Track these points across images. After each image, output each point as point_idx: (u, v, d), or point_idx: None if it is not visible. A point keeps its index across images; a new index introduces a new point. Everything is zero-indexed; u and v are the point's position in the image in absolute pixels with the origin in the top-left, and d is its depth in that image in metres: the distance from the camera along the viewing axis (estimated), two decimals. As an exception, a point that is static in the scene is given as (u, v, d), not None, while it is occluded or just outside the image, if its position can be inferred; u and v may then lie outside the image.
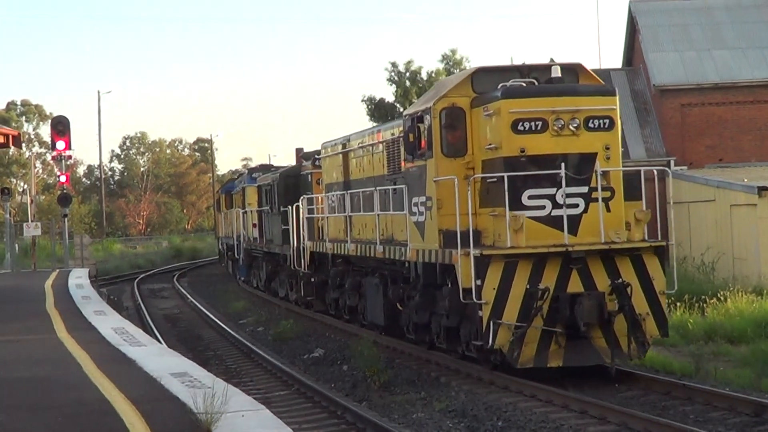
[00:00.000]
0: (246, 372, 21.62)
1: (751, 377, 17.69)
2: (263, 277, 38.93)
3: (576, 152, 17.70)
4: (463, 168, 18.61)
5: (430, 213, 18.98)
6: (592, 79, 18.98)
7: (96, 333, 19.29)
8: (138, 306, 37.04)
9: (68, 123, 43.22)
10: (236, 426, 10.39)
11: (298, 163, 36.61)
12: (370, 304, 23.61)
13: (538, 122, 17.66)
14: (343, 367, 21.23)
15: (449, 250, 18.06)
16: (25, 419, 11.21)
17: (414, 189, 19.75)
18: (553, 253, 17.35)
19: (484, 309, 17.22)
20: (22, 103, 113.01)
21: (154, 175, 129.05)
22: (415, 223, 19.78)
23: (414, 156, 19.65)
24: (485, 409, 16.08)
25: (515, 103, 17.69)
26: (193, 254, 77.19)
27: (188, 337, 28.67)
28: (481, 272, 17.22)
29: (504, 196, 17.35)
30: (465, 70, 19.26)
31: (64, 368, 14.74)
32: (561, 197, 17.51)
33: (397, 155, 21.73)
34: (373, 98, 72.09)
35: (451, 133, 18.76)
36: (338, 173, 26.36)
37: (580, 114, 17.73)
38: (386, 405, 17.04)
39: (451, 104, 18.75)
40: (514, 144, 17.66)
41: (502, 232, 17.66)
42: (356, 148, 25.00)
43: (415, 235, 19.79)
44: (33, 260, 46.18)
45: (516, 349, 17.13)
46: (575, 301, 17.19)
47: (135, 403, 11.59)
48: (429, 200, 19.01)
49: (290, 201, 31.34)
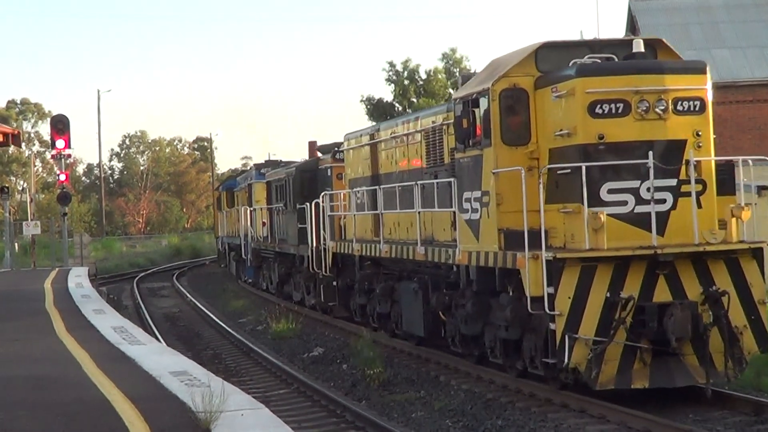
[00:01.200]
0: (245, 371, 21.19)
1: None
2: (275, 280, 35.40)
3: (663, 139, 14.81)
4: (526, 158, 15.78)
5: (486, 210, 16.13)
6: (673, 57, 16.08)
7: (95, 332, 18.93)
8: (137, 305, 36.11)
9: (68, 121, 42.54)
10: (235, 425, 10.23)
11: (314, 157, 33.43)
12: (407, 312, 20.64)
13: (620, 104, 14.75)
14: (342, 366, 20.57)
15: (512, 253, 15.24)
16: (25, 418, 11.00)
17: (466, 182, 16.88)
18: (637, 257, 14.49)
19: (558, 321, 14.37)
20: (22, 101, 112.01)
21: (154, 173, 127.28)
22: (467, 221, 16.89)
23: (466, 145, 16.81)
24: (484, 408, 15.51)
25: (593, 82, 14.80)
26: (192, 253, 74.92)
27: (187, 336, 28.03)
28: (554, 278, 14.38)
29: (579, 190, 14.53)
30: (524, 46, 16.15)
31: (63, 367, 14.49)
32: (646, 191, 14.63)
33: (439, 145, 18.99)
34: (372, 98, 70.46)
35: (513, 117, 15.91)
36: (365, 167, 23.53)
37: (668, 94, 14.83)
38: (385, 404, 16.57)
39: (512, 85, 15.89)
40: (591, 129, 14.77)
41: (575, 232, 14.83)
42: (387, 139, 22.08)
43: (467, 235, 16.91)
44: (32, 259, 45.59)
45: (595, 368, 14.28)
46: (664, 312, 14.33)
47: (134, 402, 11.43)
48: (486, 195, 16.14)
49: (307, 197, 28.54)
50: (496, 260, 15.79)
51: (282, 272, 33.75)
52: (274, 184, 35.01)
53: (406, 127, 20.93)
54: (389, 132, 21.99)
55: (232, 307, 34.08)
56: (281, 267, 33.86)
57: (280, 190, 33.38)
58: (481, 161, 16.29)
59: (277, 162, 40.13)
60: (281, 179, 33.31)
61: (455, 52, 71.65)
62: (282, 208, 33.00)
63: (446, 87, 68.83)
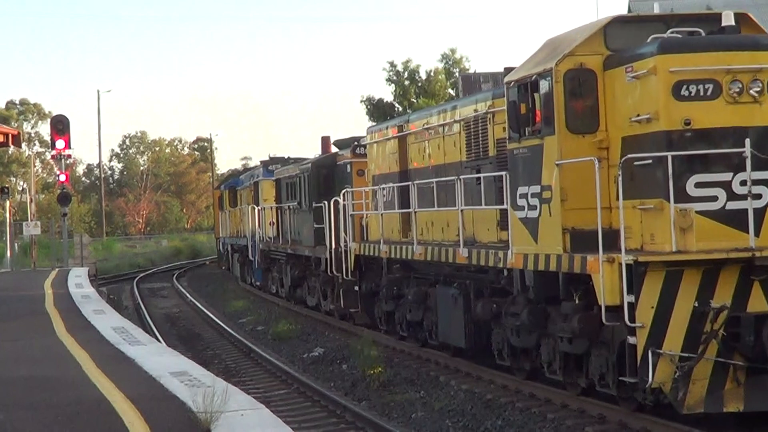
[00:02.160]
0: (245, 371, 20.99)
1: None
2: (287, 283, 32.50)
3: (759, 125, 12.61)
4: (594, 147, 13.58)
5: (548, 207, 13.88)
6: (760, 32, 13.89)
7: (95, 332, 18.79)
8: (137, 305, 35.71)
9: (68, 122, 41.98)
10: (235, 425, 10.09)
11: (330, 152, 31.02)
12: (444, 321, 18.37)
13: (709, 85, 12.56)
14: (342, 366, 20.30)
15: (581, 256, 13.07)
16: (25, 418, 10.84)
17: (521, 176, 14.64)
18: (729, 261, 12.32)
19: (639, 335, 12.22)
20: (21, 101, 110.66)
21: (154, 174, 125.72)
22: (522, 220, 14.63)
23: (522, 134, 14.52)
24: (484, 408, 15.21)
25: (677, 60, 12.60)
26: (192, 253, 73.56)
27: (188, 337, 27.72)
28: (635, 285, 12.21)
29: (660, 183, 12.47)
30: (591, 22, 14.00)
31: (63, 367, 14.38)
32: (740, 185, 12.46)
33: (482, 136, 16.95)
34: (372, 98, 68.44)
35: (579, 102, 13.66)
36: (392, 162, 21.31)
37: (764, 74, 12.64)
38: (385, 404, 16.37)
39: (578, 65, 13.65)
40: (675, 114, 12.58)
41: (656, 232, 12.68)
42: (418, 131, 19.89)
43: (522, 236, 14.66)
44: (32, 259, 45.15)
45: (682, 388, 12.15)
46: (763, 324, 12.15)
47: (134, 402, 11.28)
48: (546, 190, 13.90)
49: (324, 195, 26.30)
50: (560, 264, 13.59)
51: (295, 275, 30.95)
52: (284, 181, 32.70)
53: (442, 117, 18.77)
54: (421, 123, 19.77)
55: (231, 308, 33.43)
56: (294, 270, 31.08)
57: (292, 187, 31.07)
58: (540, 152, 14.05)
59: (285, 159, 37.77)
60: (293, 176, 30.96)
61: (455, 53, 69.71)
62: (295, 206, 30.53)
63: (446, 87, 66.93)
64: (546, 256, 13.95)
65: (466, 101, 18.12)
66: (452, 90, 64.21)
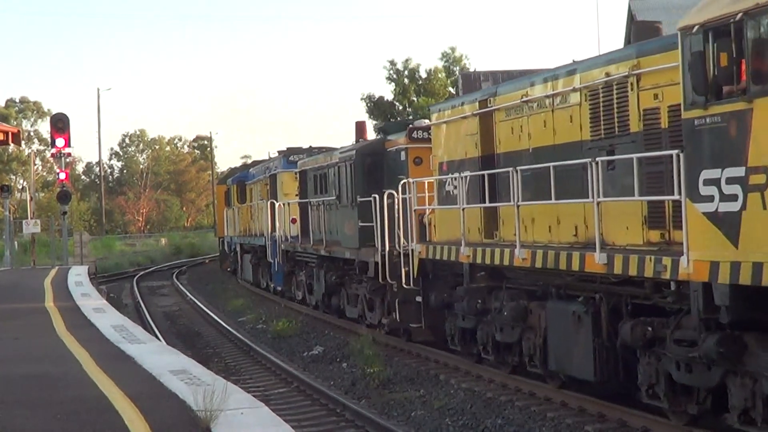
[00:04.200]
0: (245, 369, 20.96)
1: None
2: (319, 291, 27.77)
3: None
4: None
5: (760, 196, 10.12)
6: None
7: (95, 330, 18.70)
8: (137, 303, 35.76)
9: (68, 120, 41.94)
10: (235, 423, 10.03)
11: (375, 138, 27.30)
12: (559, 345, 14.76)
13: None
14: (342, 365, 20.25)
15: None
16: (24, 416, 10.78)
17: (708, 155, 10.87)
18: None
19: None
20: (21, 100, 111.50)
21: (154, 172, 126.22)
22: (709, 215, 10.83)
23: (709, 99, 10.81)
24: (484, 407, 15.19)
25: None
26: (192, 252, 73.54)
27: (187, 335, 27.71)
28: None
29: None
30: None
31: (63, 365, 14.30)
32: None
33: (620, 107, 13.56)
34: (373, 96, 68.26)
35: None
36: (469, 145, 17.71)
37: None
38: (385, 403, 16.34)
39: None
40: None
41: None
42: (513, 105, 16.34)
43: (707, 237, 10.91)
44: (32, 257, 44.99)
45: None
46: None
47: (134, 400, 11.26)
48: (757, 173, 10.11)
49: (371, 188, 22.67)
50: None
51: (331, 281, 26.44)
52: (311, 173, 28.29)
53: (551, 86, 15.23)
54: (519, 95, 16.17)
55: (231, 306, 33.47)
56: (331, 275, 26.49)
57: (322, 179, 26.99)
58: (746, 120, 10.24)
59: (304, 149, 33.48)
60: (324, 167, 26.80)
61: (455, 51, 69.63)
62: (332, 201, 26.05)
63: (446, 86, 66.78)
64: (756, 265, 10.17)
65: (590, 63, 14.57)
66: (452, 88, 64.09)
